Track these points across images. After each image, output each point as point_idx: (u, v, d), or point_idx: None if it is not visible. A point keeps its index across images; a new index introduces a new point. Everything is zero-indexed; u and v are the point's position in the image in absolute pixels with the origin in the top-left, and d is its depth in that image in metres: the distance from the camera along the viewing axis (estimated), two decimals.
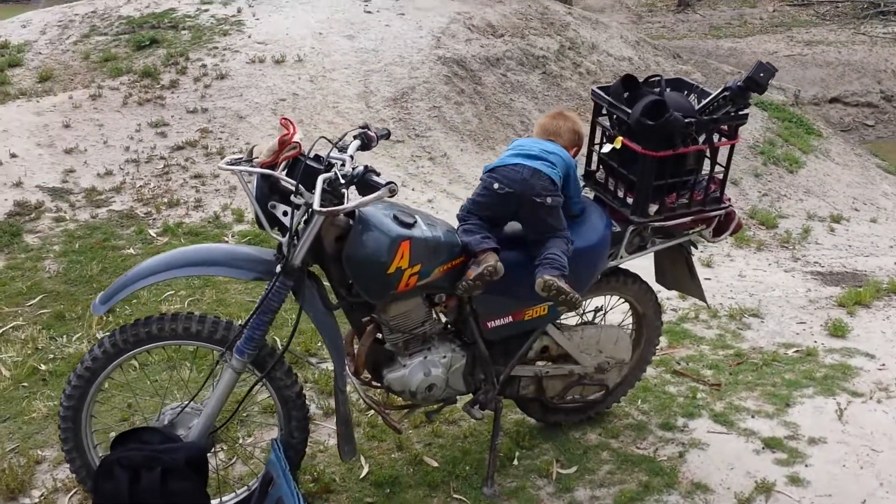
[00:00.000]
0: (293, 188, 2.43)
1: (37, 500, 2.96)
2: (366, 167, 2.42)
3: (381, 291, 2.65)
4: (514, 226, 2.92)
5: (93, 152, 6.16)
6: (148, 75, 7.19)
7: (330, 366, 3.60)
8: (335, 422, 2.75)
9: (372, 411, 3.35)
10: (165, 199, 5.71)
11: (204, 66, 7.38)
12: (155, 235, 5.26)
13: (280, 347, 2.71)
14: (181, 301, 4.44)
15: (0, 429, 3.38)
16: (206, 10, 8.57)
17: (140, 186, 5.86)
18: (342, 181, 2.37)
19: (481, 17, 8.68)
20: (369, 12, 8.51)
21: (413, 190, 6.25)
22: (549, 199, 2.81)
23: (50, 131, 6.30)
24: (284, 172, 2.48)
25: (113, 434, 2.64)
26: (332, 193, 2.41)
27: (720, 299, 5.02)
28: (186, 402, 2.66)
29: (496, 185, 2.81)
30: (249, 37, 7.93)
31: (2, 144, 6.00)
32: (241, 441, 3.23)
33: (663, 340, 4.34)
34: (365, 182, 2.38)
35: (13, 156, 5.89)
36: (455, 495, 3.02)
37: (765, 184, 7.58)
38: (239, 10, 8.53)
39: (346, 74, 7.46)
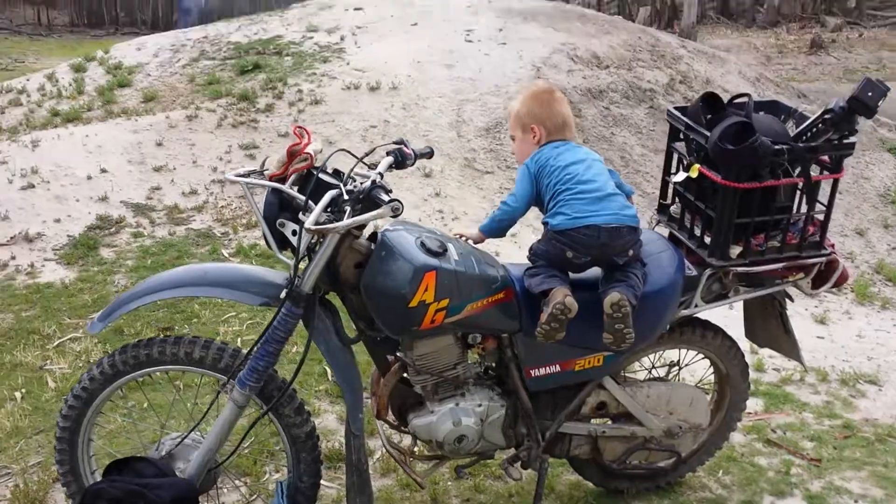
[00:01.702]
0: (303, 205, 2.16)
1: None
2: (373, 183, 2.13)
3: (402, 327, 2.34)
4: None
5: (181, 171, 6.18)
6: (245, 99, 7.23)
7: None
8: (345, 471, 2.43)
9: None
10: (244, 221, 5.62)
11: (300, 90, 7.36)
12: (227, 256, 5.15)
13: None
14: (240, 323, 4.28)
15: (31, 441, 3.27)
16: (311, 38, 8.61)
17: (222, 207, 5.81)
18: (346, 198, 2.09)
19: (586, 47, 8.32)
20: (470, 41, 8.32)
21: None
22: (631, 252, 2.45)
23: (143, 149, 6.38)
24: (297, 189, 2.23)
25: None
26: (339, 212, 2.12)
27: (832, 361, 4.41)
28: (186, 433, 2.42)
29: (570, 254, 2.41)
30: (348, 64, 7.88)
31: (95, 160, 6.11)
32: (256, 479, 2.96)
33: (759, 404, 3.82)
34: (371, 199, 2.08)
35: (103, 171, 5.97)
36: None
37: (895, 236, 6.80)
38: (342, 38, 8.53)
39: (440, 103, 7.26)
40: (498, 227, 2.53)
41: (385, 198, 2.07)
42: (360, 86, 7.44)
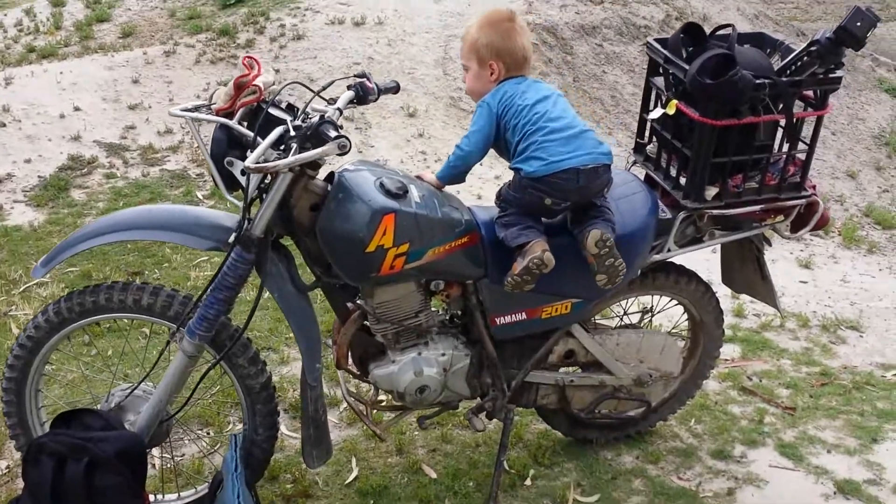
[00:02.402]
0: (251, 142, 2.04)
1: (3, 472, 2.72)
2: (322, 118, 2.00)
3: (360, 273, 2.23)
4: None
5: (157, 109, 6.00)
6: (225, 34, 7.00)
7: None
8: (301, 421, 2.36)
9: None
10: None
11: (283, 25, 7.13)
12: (202, 198, 5.03)
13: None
14: (212, 268, 4.17)
15: None
16: None
17: (197, 147, 5.65)
18: (293, 134, 1.96)
19: None
20: None
21: (481, 165, 5.76)
22: (606, 190, 2.34)
23: (118, 86, 6.19)
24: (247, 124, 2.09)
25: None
26: (288, 150, 1.99)
27: (814, 306, 4.34)
28: (136, 385, 2.34)
29: (548, 202, 2.27)
30: None
31: (68, 97, 5.93)
32: (220, 430, 2.90)
33: (737, 351, 3.75)
34: (318, 136, 1.95)
35: (77, 109, 5.80)
36: None
37: (887, 178, 6.67)
38: None
39: (427, 39, 7.04)
40: (454, 174, 2.38)
41: (332, 134, 1.94)
42: (345, 20, 7.19)
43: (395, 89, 2.52)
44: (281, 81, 6.33)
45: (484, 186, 5.32)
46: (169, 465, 2.67)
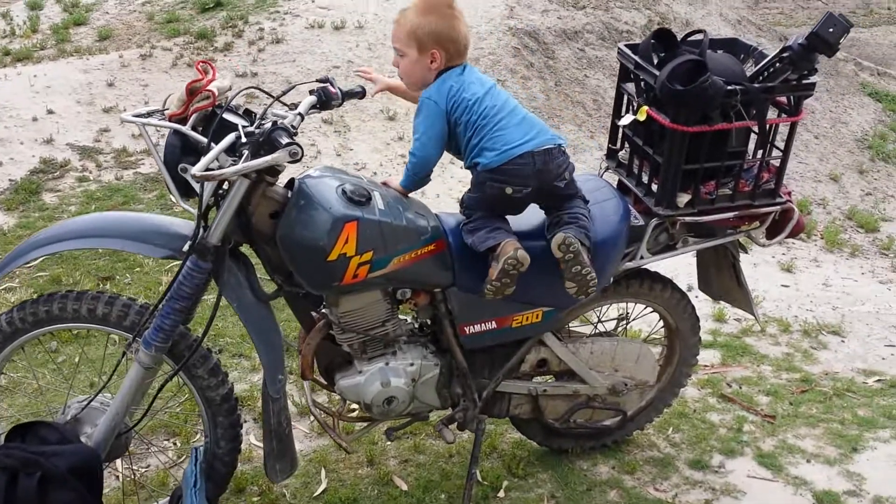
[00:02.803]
0: (205, 148, 1.97)
1: None
2: (274, 124, 1.94)
3: (322, 282, 2.17)
4: None
5: (145, 107, 5.89)
6: (203, 37, 6.92)
7: None
8: (263, 435, 2.29)
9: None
10: None
11: (261, 29, 7.06)
12: (175, 201, 4.94)
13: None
14: None
15: None
16: None
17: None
18: (244, 140, 1.90)
19: None
20: None
21: (462, 168, 5.72)
22: (567, 174, 2.26)
23: (93, 89, 6.10)
24: (202, 130, 2.03)
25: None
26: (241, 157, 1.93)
27: (796, 311, 4.31)
28: (92, 396, 2.26)
29: (509, 191, 2.21)
30: (313, 1, 7.55)
31: (42, 100, 5.83)
32: (186, 440, 2.82)
33: (717, 357, 3.70)
34: (271, 142, 1.89)
35: (50, 112, 5.71)
36: None
37: (870, 182, 6.66)
38: None
39: None
40: (416, 180, 2.30)
41: (284, 141, 1.88)
42: (325, 24, 7.13)
43: (361, 94, 2.47)
44: (260, 84, 6.27)
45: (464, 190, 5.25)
46: (131, 478, 2.59)
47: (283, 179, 2.22)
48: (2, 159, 5.16)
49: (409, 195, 2.35)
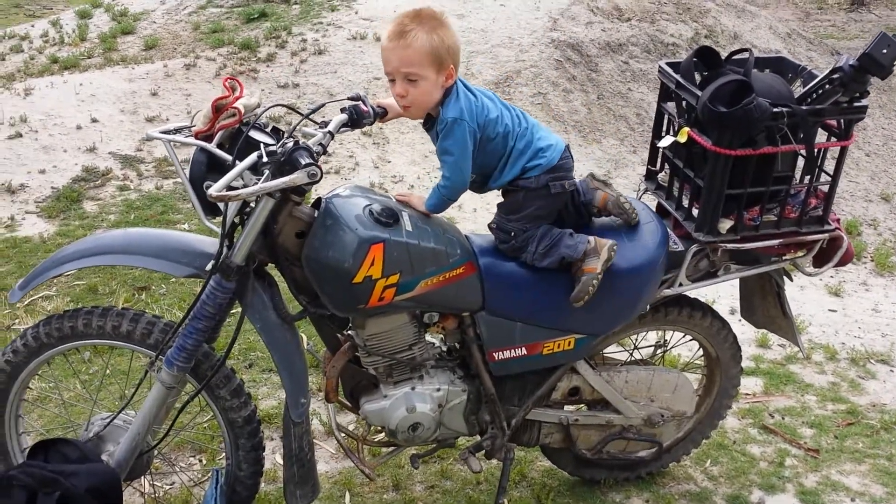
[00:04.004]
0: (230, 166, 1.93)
1: None
2: (296, 144, 1.89)
3: (347, 304, 2.11)
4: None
5: (174, 122, 5.93)
6: (247, 48, 6.98)
7: None
8: (283, 459, 2.24)
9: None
10: None
11: (304, 40, 7.09)
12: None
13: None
14: None
15: None
16: None
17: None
18: (265, 160, 1.85)
19: None
20: None
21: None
22: None
23: (136, 98, 6.17)
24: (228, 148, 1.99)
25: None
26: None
27: (843, 338, 4.14)
28: (115, 414, 2.24)
29: (568, 185, 2.26)
30: (356, 13, 7.57)
31: (87, 108, 5.92)
32: (212, 458, 2.79)
33: (759, 385, 3.57)
34: (292, 162, 1.84)
35: (94, 120, 5.78)
36: None
37: None
38: None
39: None
40: (445, 206, 2.23)
41: (304, 161, 1.83)
42: (367, 36, 7.14)
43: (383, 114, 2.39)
44: (297, 98, 6.28)
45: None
46: (154, 497, 2.56)
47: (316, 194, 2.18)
48: (45, 167, 5.23)
49: (439, 215, 2.29)
